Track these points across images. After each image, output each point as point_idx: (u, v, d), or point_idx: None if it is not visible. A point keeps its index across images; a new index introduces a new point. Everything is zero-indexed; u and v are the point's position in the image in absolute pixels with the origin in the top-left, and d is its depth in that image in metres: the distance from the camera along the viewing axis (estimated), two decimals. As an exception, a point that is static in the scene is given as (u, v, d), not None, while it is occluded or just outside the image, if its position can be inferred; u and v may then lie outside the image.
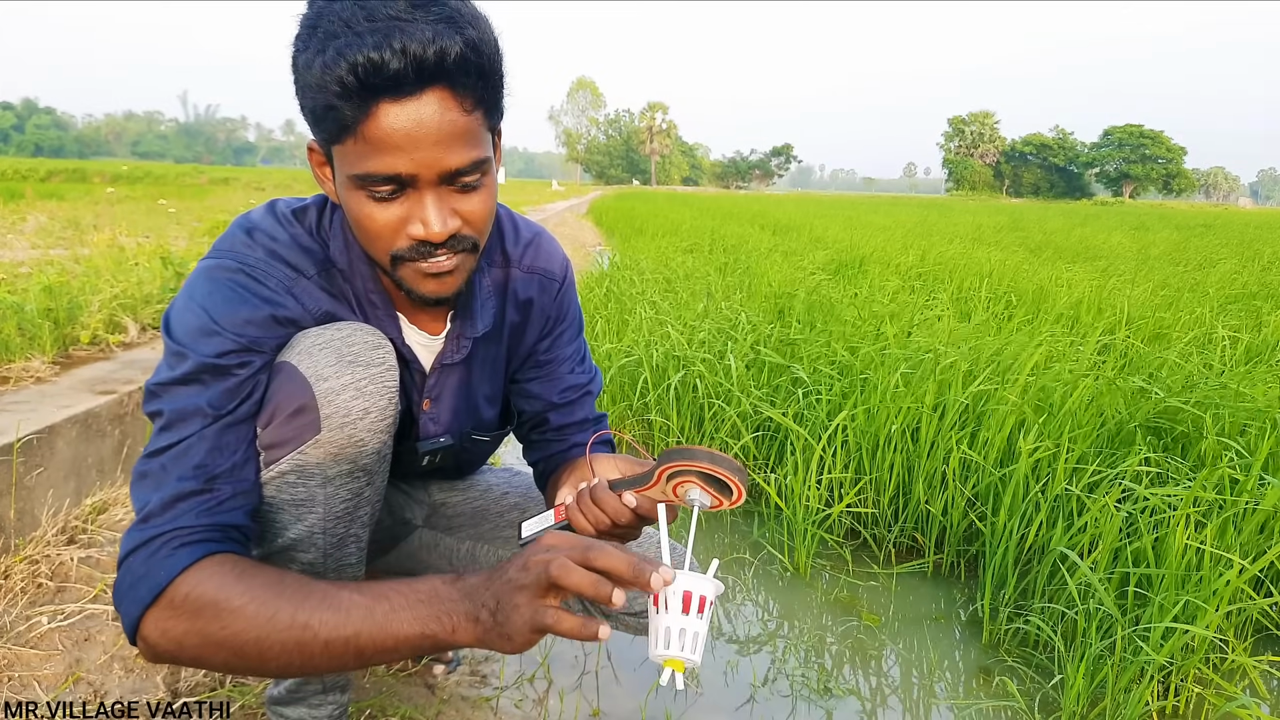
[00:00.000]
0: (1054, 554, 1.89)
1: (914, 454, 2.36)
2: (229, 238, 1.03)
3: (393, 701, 1.51)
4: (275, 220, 1.05)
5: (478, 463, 1.44)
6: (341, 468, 0.99)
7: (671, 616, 0.82)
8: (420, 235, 0.91)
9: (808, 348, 3.11)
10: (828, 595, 2.13)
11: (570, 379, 1.30)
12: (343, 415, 0.96)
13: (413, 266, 0.95)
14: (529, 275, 1.22)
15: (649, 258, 7.25)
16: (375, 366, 0.99)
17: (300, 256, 1.04)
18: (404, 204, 0.90)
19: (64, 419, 1.80)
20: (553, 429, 1.31)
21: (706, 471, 0.92)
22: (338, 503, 1.01)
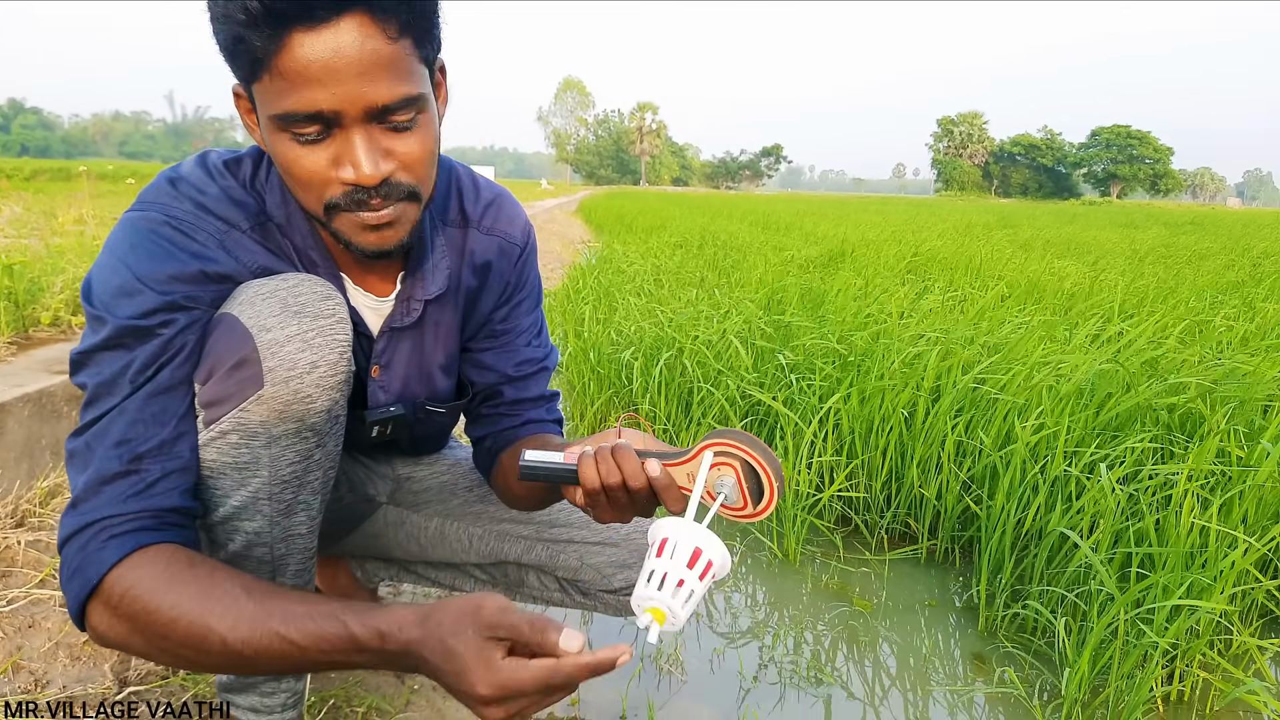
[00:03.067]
0: (1053, 536, 1.82)
1: (908, 438, 2.29)
2: (153, 189, 0.94)
3: (359, 691, 1.42)
4: (205, 172, 0.96)
5: (436, 437, 1.35)
6: (287, 426, 0.90)
7: (675, 564, 0.76)
8: (351, 179, 0.84)
9: (801, 334, 3.03)
10: (818, 582, 2.05)
11: (527, 351, 1.21)
12: (287, 369, 0.87)
13: (349, 218, 0.88)
14: (488, 237, 1.14)
15: (638, 252, 7.17)
16: (324, 318, 0.90)
17: (232, 210, 0.95)
18: (332, 146, 0.83)
19: (15, 398, 1.71)
20: (506, 403, 1.21)
21: (750, 460, 0.84)
22: (284, 465, 0.92)
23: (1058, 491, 1.96)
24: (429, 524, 1.37)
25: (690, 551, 0.77)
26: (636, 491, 0.88)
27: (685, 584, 0.75)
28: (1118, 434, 2.21)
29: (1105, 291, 4.99)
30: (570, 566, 1.32)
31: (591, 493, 0.89)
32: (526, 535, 1.33)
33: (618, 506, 0.91)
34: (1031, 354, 2.65)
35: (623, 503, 0.90)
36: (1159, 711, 1.57)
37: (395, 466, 1.38)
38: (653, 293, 4.33)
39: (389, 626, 0.75)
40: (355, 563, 1.54)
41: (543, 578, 1.36)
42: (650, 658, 1.66)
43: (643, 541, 1.25)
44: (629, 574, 1.31)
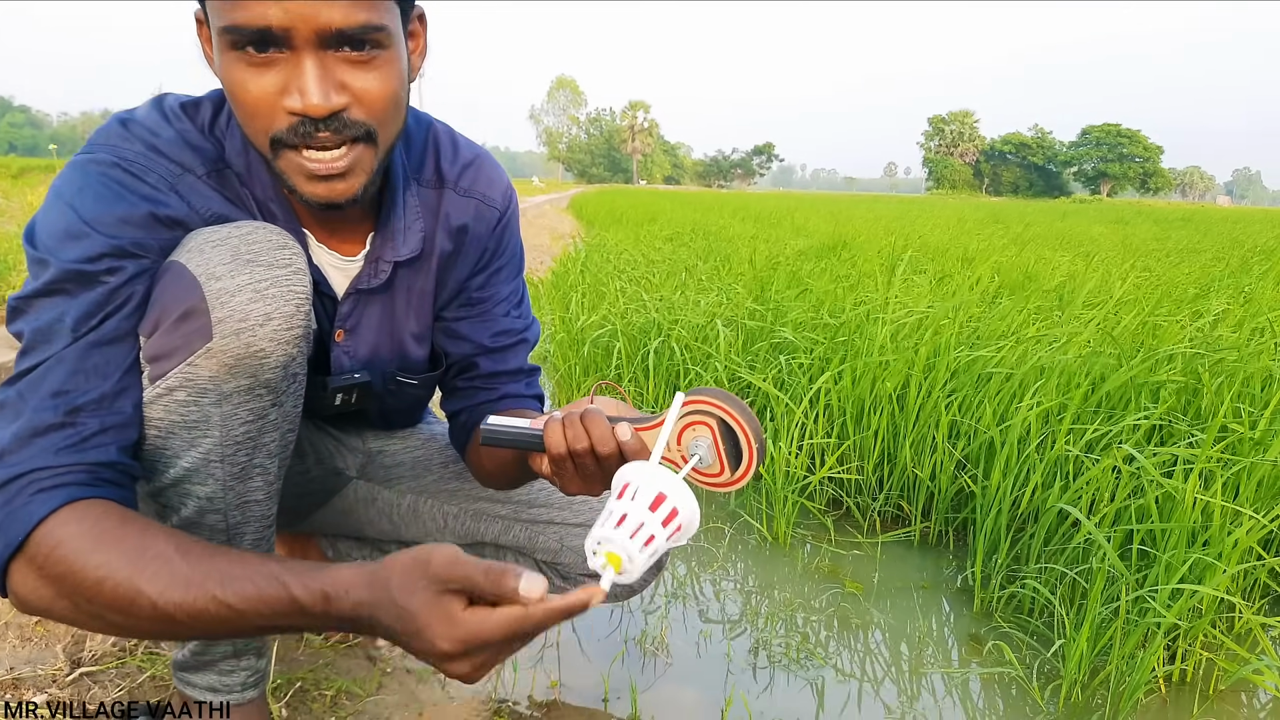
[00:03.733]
0: (1050, 514, 1.76)
1: (900, 418, 2.23)
2: (103, 131, 0.87)
3: (328, 674, 1.36)
4: (160, 115, 0.90)
5: (408, 410, 1.28)
6: (239, 383, 0.83)
7: (635, 506, 0.69)
8: (298, 108, 0.78)
9: (792, 313, 2.97)
10: (809, 565, 2.00)
11: (505, 322, 1.14)
12: (238, 320, 0.81)
13: (295, 159, 0.82)
14: (465, 199, 1.07)
15: (629, 242, 7.11)
16: (279, 267, 0.84)
17: (187, 154, 0.89)
18: (281, 71, 0.77)
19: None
20: (482, 376, 1.14)
21: (726, 418, 0.77)
22: (237, 425, 0.86)
23: (1056, 470, 1.91)
24: (401, 501, 1.31)
25: (653, 495, 0.69)
26: (605, 458, 0.82)
27: (645, 528, 0.68)
28: (1114, 412, 2.15)
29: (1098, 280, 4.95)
30: (549, 549, 1.26)
31: (557, 459, 0.84)
32: (504, 515, 1.27)
33: (585, 475, 0.85)
34: (1025, 332, 2.60)
35: (591, 471, 0.84)
36: (1160, 691, 1.51)
37: (366, 439, 1.31)
38: (642, 280, 4.26)
39: (334, 588, 0.69)
40: (327, 543, 1.47)
41: (521, 561, 1.30)
42: (635, 640, 1.60)
43: None
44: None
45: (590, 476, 0.85)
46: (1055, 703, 1.47)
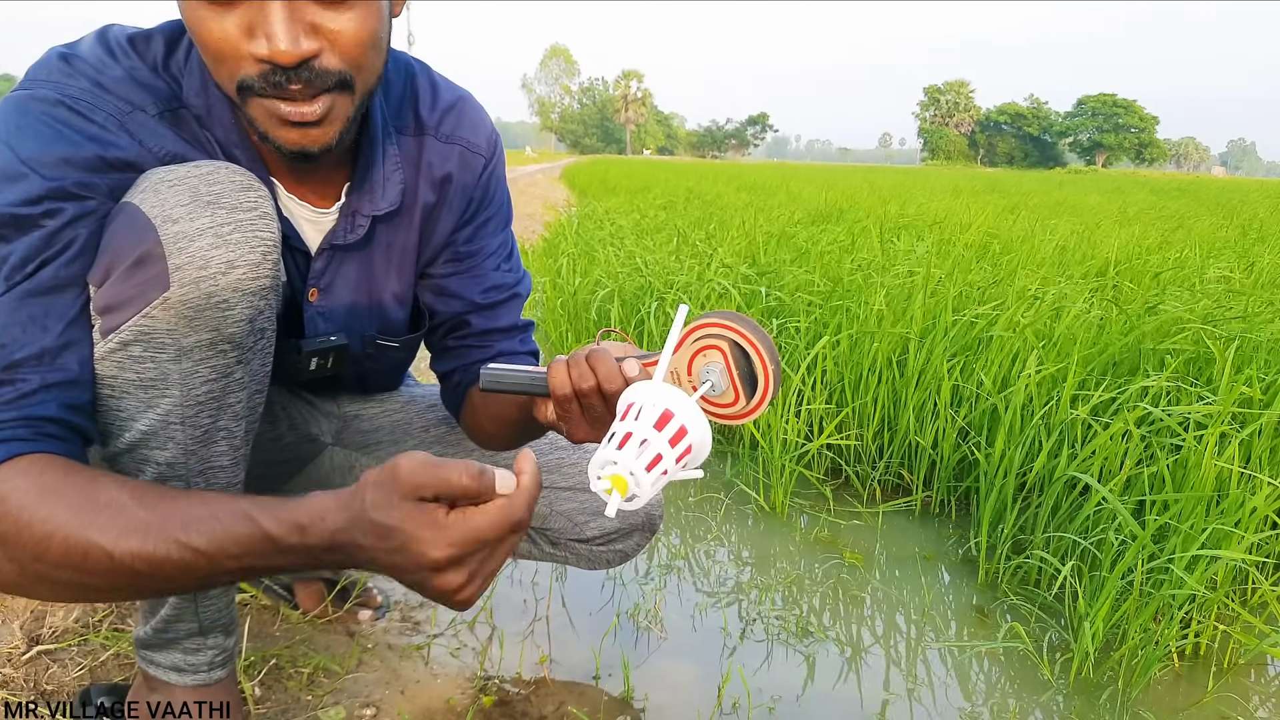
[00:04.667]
0: (1059, 483, 1.70)
1: (900, 384, 2.16)
2: (43, 65, 0.78)
3: (305, 651, 1.29)
4: (106, 50, 0.80)
5: (388, 374, 1.21)
6: (200, 337, 0.75)
7: (640, 425, 0.64)
8: (265, 55, 0.70)
9: (788, 277, 2.89)
10: (807, 535, 1.93)
11: (496, 276, 1.07)
12: (198, 267, 0.72)
13: (264, 105, 0.74)
14: (448, 146, 1.00)
15: (622, 209, 7.00)
16: (245, 210, 0.75)
17: (137, 92, 0.80)
18: (247, 11, 0.70)
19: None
20: (474, 334, 1.08)
21: (740, 340, 0.71)
22: (198, 383, 0.78)
23: (1063, 437, 1.84)
24: None
25: (659, 413, 0.64)
26: (612, 396, 0.78)
27: (651, 446, 0.63)
28: (1121, 379, 2.08)
29: (1098, 245, 4.88)
30: (538, 514, 1.20)
31: (563, 400, 0.80)
32: None
33: (593, 418, 0.81)
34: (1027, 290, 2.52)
35: (599, 412, 0.80)
36: (1175, 665, 1.46)
37: (341, 404, 1.24)
38: (634, 246, 4.17)
39: (309, 518, 0.64)
40: (308, 519, 1.40)
41: None
42: (628, 613, 1.53)
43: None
44: (602, 521, 1.19)
45: (597, 419, 0.81)
46: (1065, 677, 1.42)
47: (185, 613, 0.94)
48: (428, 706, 1.22)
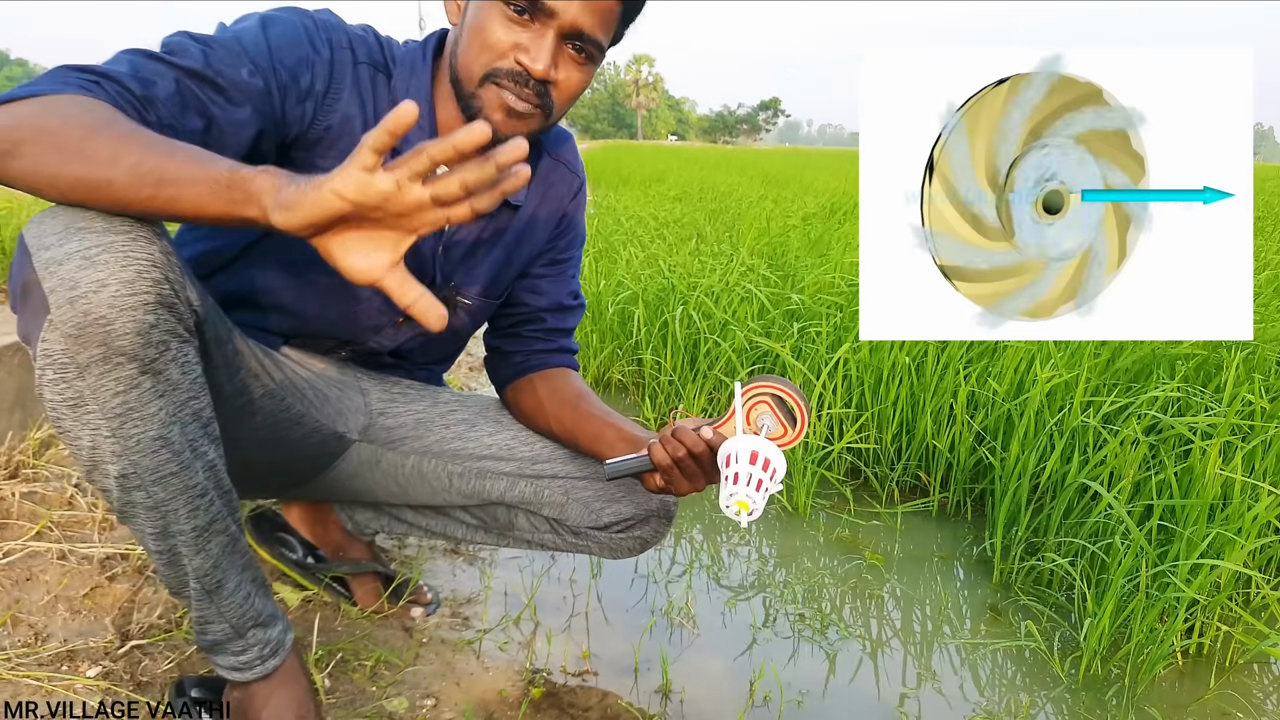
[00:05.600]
0: (1071, 488, 1.79)
1: (919, 388, 2.25)
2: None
3: (366, 645, 1.39)
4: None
5: (447, 343, 1.38)
6: (91, 353, 0.79)
7: (741, 465, 0.96)
8: (525, 63, 1.00)
9: (809, 279, 2.97)
10: (828, 535, 2.03)
11: (574, 284, 1.35)
12: (69, 288, 0.77)
13: (497, 92, 1.02)
14: (555, 163, 1.27)
15: (638, 202, 7.07)
16: (116, 234, 0.79)
17: (362, 46, 1.08)
18: (526, 34, 1.00)
19: (5, 345, 1.65)
20: (546, 329, 1.33)
21: (777, 392, 1.01)
22: (108, 396, 0.82)
23: (1075, 442, 1.93)
24: (405, 461, 1.33)
25: (749, 453, 0.96)
26: (701, 455, 1.03)
27: (754, 477, 0.95)
28: (1134, 385, 2.16)
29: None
30: (556, 503, 1.31)
31: (666, 469, 1.05)
32: (508, 472, 1.32)
33: (689, 474, 1.05)
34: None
35: (692, 470, 1.05)
36: (1178, 664, 1.55)
37: (370, 400, 1.33)
38: (652, 244, 4.25)
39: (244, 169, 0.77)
40: (344, 514, 1.50)
41: (532, 519, 1.35)
42: (662, 610, 1.63)
43: (628, 479, 1.22)
44: (619, 508, 1.30)
45: (694, 475, 1.05)
46: (1075, 674, 1.51)
47: (211, 616, 1.00)
48: (482, 698, 1.32)
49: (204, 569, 0.94)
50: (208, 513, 0.93)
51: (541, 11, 0.98)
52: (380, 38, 1.12)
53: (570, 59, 1.03)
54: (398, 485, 1.34)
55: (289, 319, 1.19)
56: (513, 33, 0.99)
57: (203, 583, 0.95)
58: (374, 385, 1.33)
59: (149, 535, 0.91)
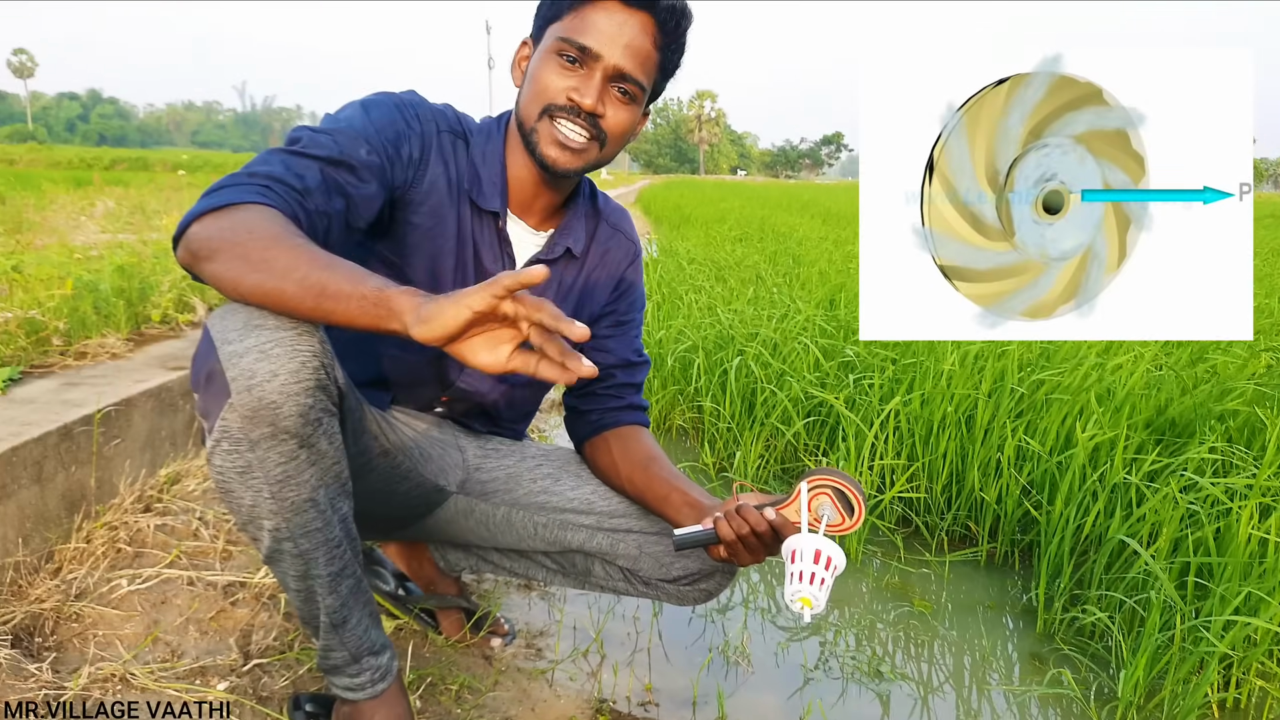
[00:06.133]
0: (1112, 543, 1.87)
1: (968, 441, 2.35)
2: (395, 91, 1.28)
3: (451, 671, 1.55)
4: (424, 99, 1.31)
5: (528, 401, 1.54)
6: (261, 431, 0.97)
7: (806, 564, 1.05)
8: (575, 98, 1.17)
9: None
10: (878, 581, 2.13)
11: (637, 343, 1.49)
12: (248, 378, 0.95)
13: (551, 127, 1.20)
14: (613, 231, 1.45)
15: (698, 244, 7.25)
16: (285, 330, 0.97)
17: (443, 118, 1.28)
18: (577, 77, 1.18)
19: (139, 392, 1.87)
20: (616, 385, 1.46)
21: (839, 486, 1.10)
22: (272, 466, 0.99)
23: (1117, 498, 2.01)
24: (496, 511, 1.49)
25: (813, 552, 1.05)
26: (763, 534, 1.13)
27: (817, 575, 1.04)
28: (1179, 440, 2.23)
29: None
30: (630, 555, 1.44)
31: (730, 544, 1.15)
32: (588, 525, 1.45)
33: (751, 550, 1.16)
34: (1089, 355, 2.67)
35: (754, 545, 1.15)
36: (1214, 716, 1.62)
37: (468, 456, 1.50)
38: (713, 290, 4.41)
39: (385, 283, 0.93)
40: (438, 553, 1.66)
41: (607, 568, 1.48)
42: (718, 648, 1.76)
43: None
44: (687, 563, 1.42)
45: (755, 549, 1.15)
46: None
47: (334, 645, 1.17)
48: (556, 723, 1.46)
49: (334, 606, 1.12)
50: (341, 560, 1.11)
51: (589, 56, 1.16)
52: (457, 112, 1.32)
53: (615, 99, 1.20)
54: (488, 531, 1.50)
55: (392, 362, 1.38)
56: (566, 78, 1.18)
57: (331, 618, 1.13)
58: (470, 442, 1.50)
59: (291, 577, 1.09)
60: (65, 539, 1.63)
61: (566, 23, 1.18)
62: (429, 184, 1.25)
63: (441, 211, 1.27)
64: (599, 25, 1.16)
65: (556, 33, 1.19)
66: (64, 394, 1.78)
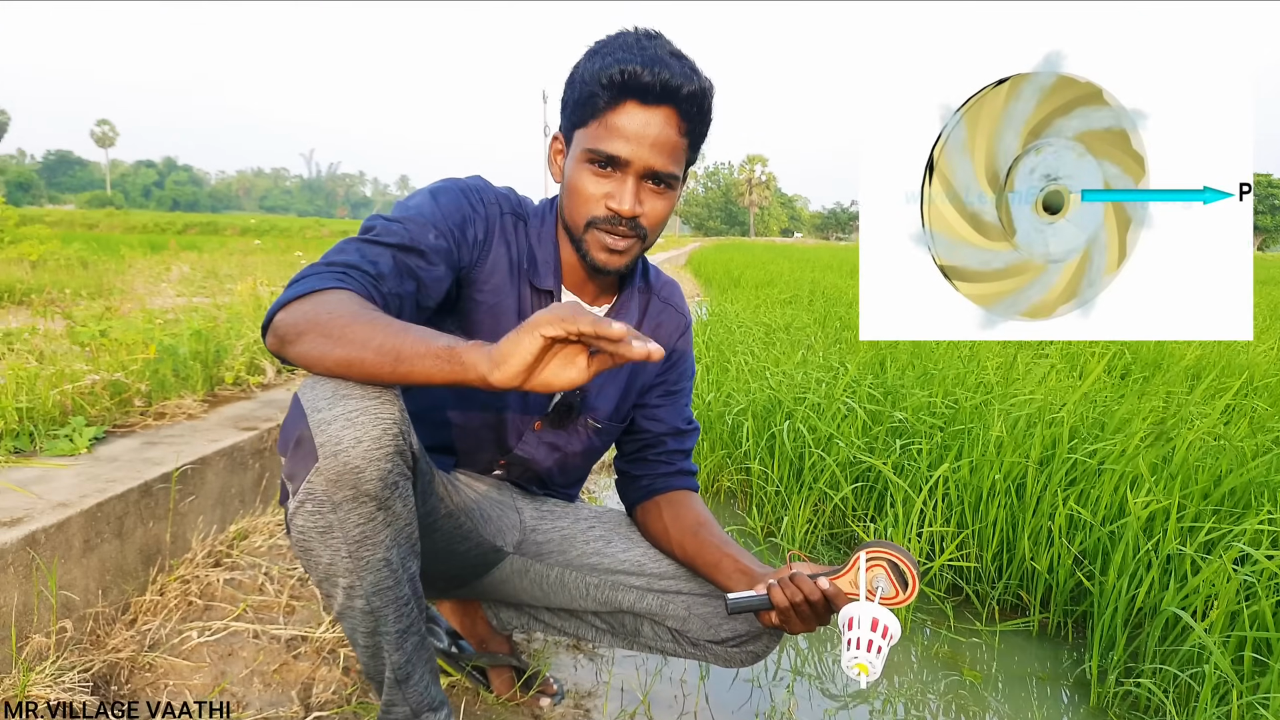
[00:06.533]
0: (1166, 614, 1.84)
1: (1018, 509, 2.33)
2: (460, 177, 1.37)
3: (503, 729, 1.59)
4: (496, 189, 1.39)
5: (580, 466, 1.57)
6: (344, 493, 1.04)
7: (863, 631, 1.08)
8: (614, 208, 1.22)
9: (911, 397, 3.10)
10: (927, 650, 2.12)
11: (687, 412, 1.55)
12: (334, 444, 1.02)
13: (598, 235, 1.25)
14: (664, 305, 1.52)
15: (747, 307, 7.31)
16: (369, 399, 1.04)
17: (505, 201, 1.36)
18: (611, 182, 1.22)
19: (214, 451, 1.98)
20: (666, 452, 1.53)
21: (893, 558, 1.14)
22: (351, 527, 1.06)
23: (1172, 569, 1.98)
24: (550, 572, 1.54)
25: (871, 620, 1.09)
26: (816, 603, 1.17)
27: (874, 643, 1.07)
28: (1236, 510, 2.19)
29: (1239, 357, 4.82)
30: (679, 616, 1.47)
31: (783, 611, 1.19)
32: (638, 586, 1.49)
33: (803, 618, 1.19)
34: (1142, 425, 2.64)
35: (806, 614, 1.18)
36: (1276, 798, 1.57)
37: (525, 518, 1.55)
38: (762, 354, 4.45)
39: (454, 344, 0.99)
40: (491, 612, 1.71)
41: (656, 628, 1.51)
42: (765, 714, 1.77)
43: None
44: (734, 625, 1.44)
45: (806, 618, 1.19)
46: (1167, 801, 1.56)
47: (397, 700, 1.22)
48: (603, 783, 1.48)
49: (399, 663, 1.17)
50: (408, 617, 1.17)
51: (619, 163, 1.20)
52: (519, 195, 1.40)
53: (651, 192, 1.24)
54: (541, 591, 1.55)
55: (455, 430, 1.45)
56: (600, 185, 1.22)
57: (396, 674, 1.18)
58: (526, 504, 1.56)
59: (360, 634, 1.15)
60: (141, 591, 1.71)
61: (592, 131, 1.21)
62: (492, 263, 1.34)
63: (504, 289, 1.35)
64: (623, 130, 1.19)
65: (583, 142, 1.22)
66: (145, 452, 1.90)
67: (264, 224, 35.26)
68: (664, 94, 1.17)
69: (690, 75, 1.19)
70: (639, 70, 1.16)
